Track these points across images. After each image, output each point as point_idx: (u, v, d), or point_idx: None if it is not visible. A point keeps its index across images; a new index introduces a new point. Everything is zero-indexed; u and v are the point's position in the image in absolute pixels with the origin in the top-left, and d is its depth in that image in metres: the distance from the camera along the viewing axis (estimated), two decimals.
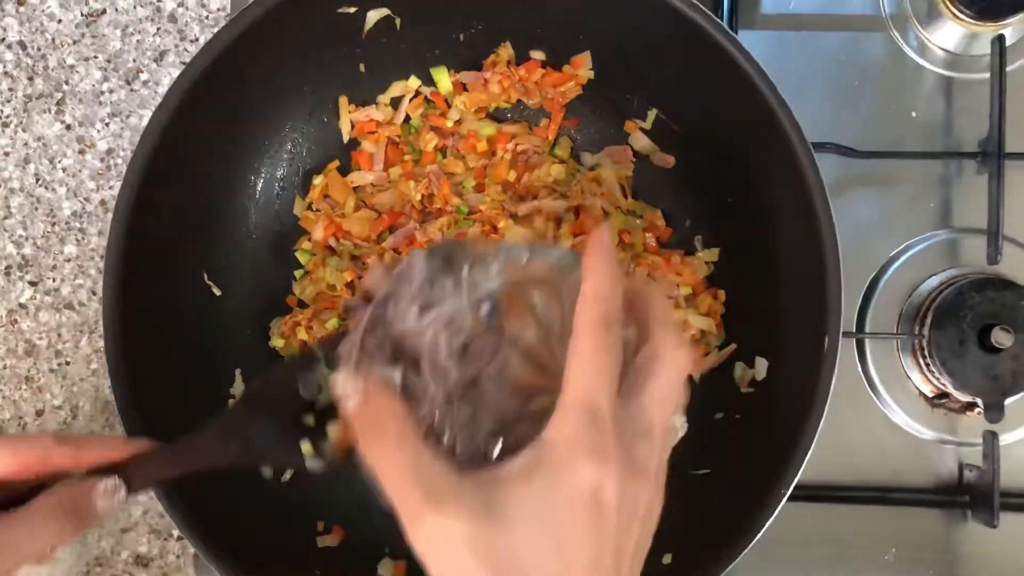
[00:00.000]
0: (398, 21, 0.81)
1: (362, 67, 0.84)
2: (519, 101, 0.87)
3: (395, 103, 0.87)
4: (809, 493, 0.85)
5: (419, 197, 0.86)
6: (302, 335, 0.85)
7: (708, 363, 0.83)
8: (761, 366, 0.79)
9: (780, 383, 0.78)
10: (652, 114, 0.84)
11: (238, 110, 0.80)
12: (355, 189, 0.87)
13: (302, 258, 0.87)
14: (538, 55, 0.85)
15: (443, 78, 0.86)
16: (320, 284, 0.86)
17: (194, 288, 0.81)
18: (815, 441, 0.70)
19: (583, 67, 0.84)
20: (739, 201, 0.81)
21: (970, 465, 0.87)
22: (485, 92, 0.86)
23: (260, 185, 0.85)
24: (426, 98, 0.87)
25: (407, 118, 0.87)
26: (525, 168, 0.87)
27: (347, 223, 0.86)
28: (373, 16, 0.80)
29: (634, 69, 0.82)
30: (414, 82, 0.86)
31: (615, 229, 0.86)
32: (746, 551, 0.70)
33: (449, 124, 0.87)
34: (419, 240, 0.86)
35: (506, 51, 0.84)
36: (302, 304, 0.87)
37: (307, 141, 0.86)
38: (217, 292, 0.82)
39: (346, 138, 0.87)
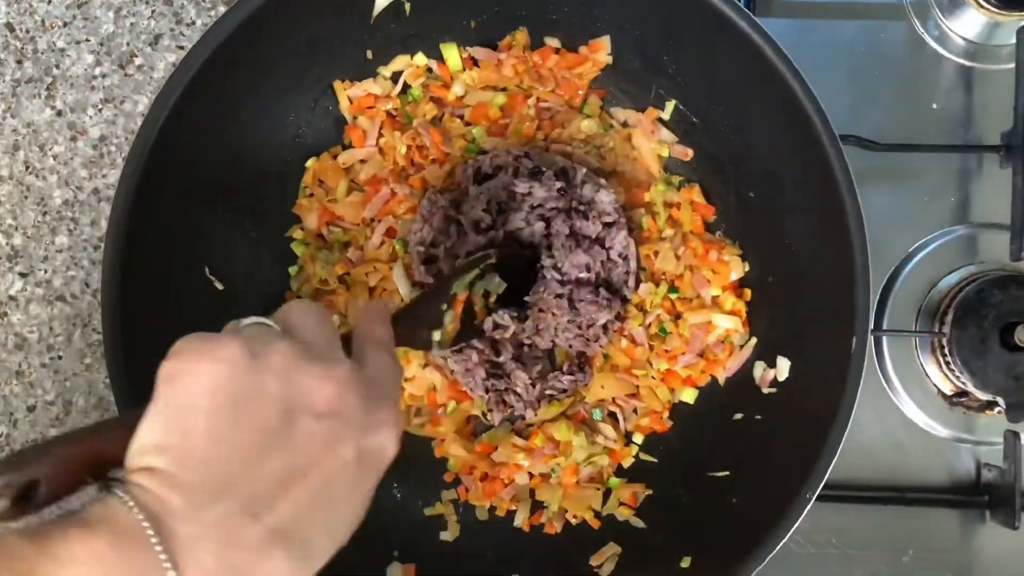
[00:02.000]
0: (407, 6, 0.78)
1: (369, 54, 0.81)
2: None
3: (396, 78, 0.84)
4: (824, 492, 0.82)
5: (404, 149, 0.83)
6: None
7: (734, 364, 0.80)
8: (783, 366, 0.77)
9: (803, 384, 0.76)
10: (671, 105, 0.82)
11: (241, 99, 0.76)
12: (347, 171, 0.84)
13: (297, 249, 0.84)
14: (553, 42, 0.82)
15: (452, 54, 0.83)
16: (314, 279, 0.84)
17: (196, 282, 0.78)
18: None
19: (601, 51, 0.81)
20: (760, 196, 0.79)
21: (989, 465, 0.85)
22: (497, 73, 0.82)
23: (263, 177, 0.82)
24: (428, 69, 0.84)
25: (406, 87, 0.84)
26: (552, 125, 0.84)
27: (339, 208, 0.83)
28: (382, 1, 0.77)
29: (653, 58, 0.80)
30: (420, 59, 0.83)
31: (658, 199, 0.83)
32: (769, 557, 0.68)
33: (451, 97, 0.84)
34: (399, 196, 0.83)
35: (523, 36, 0.81)
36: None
37: (311, 131, 0.83)
38: (220, 287, 0.79)
39: (350, 121, 0.84)
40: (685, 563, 0.74)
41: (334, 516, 0.44)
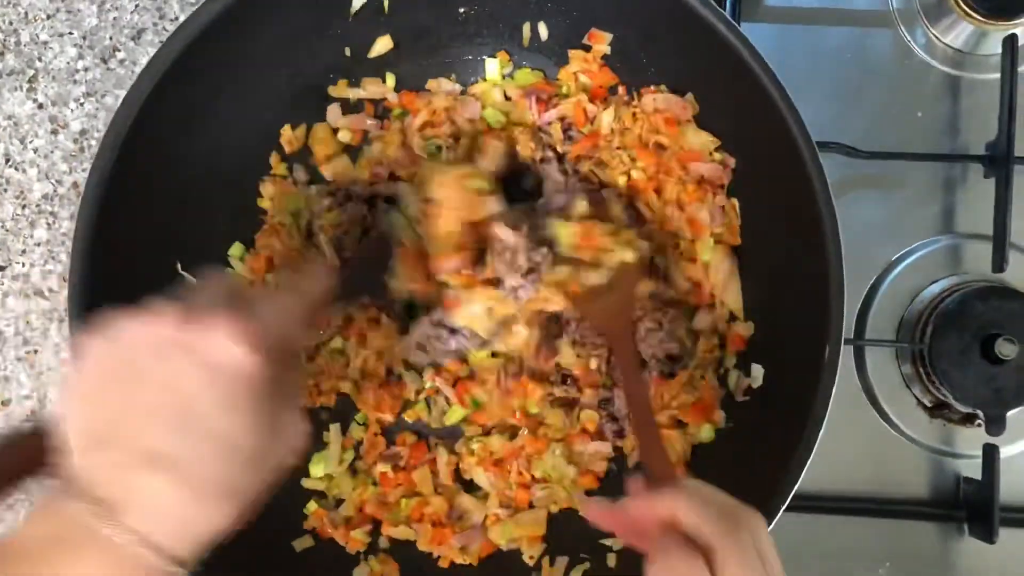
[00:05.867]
0: (386, 3, 0.77)
1: (347, 51, 0.81)
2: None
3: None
4: (800, 503, 0.82)
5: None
6: None
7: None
8: (757, 373, 0.76)
9: (777, 392, 0.75)
10: None
11: (218, 92, 0.76)
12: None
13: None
14: (543, 31, 0.81)
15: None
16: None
17: (168, 277, 0.77)
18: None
19: (602, 42, 0.79)
20: (739, 201, 0.78)
21: (969, 478, 0.84)
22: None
23: (237, 170, 0.81)
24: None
25: None
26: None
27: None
28: None
29: (633, 60, 0.79)
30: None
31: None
32: None
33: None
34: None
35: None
36: None
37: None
38: (193, 281, 0.78)
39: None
40: None
41: (210, 435, 0.47)
